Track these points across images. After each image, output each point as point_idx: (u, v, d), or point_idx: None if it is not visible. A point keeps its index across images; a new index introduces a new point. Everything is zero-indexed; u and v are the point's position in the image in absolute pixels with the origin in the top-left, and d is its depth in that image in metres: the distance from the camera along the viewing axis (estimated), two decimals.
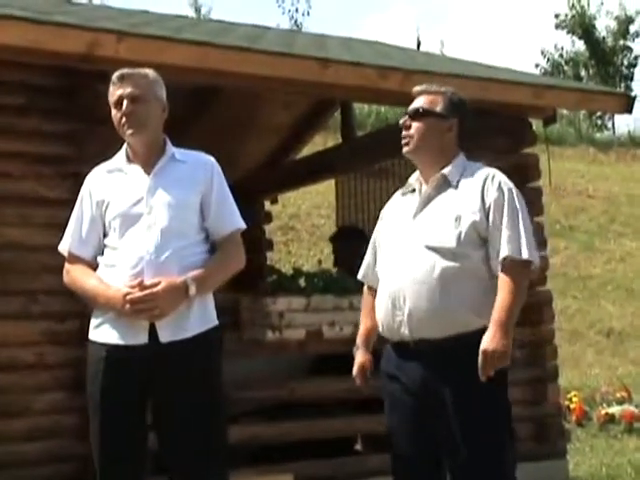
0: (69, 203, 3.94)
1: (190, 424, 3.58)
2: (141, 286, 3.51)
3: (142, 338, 3.56)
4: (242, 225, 3.84)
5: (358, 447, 7.06)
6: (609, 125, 31.84)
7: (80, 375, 5.27)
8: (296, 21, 27.83)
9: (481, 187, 3.56)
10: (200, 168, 3.79)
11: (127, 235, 3.63)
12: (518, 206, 3.54)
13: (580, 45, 33.98)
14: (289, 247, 15.40)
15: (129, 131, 3.67)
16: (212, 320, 3.72)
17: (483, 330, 3.43)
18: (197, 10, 27.32)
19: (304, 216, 16.39)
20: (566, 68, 33.93)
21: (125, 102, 3.67)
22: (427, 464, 3.59)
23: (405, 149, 3.70)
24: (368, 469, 6.09)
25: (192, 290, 3.55)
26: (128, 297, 3.50)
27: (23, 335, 5.35)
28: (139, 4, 33.32)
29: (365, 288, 3.96)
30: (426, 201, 3.64)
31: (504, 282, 3.43)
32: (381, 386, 3.70)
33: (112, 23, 6.08)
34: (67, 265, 3.79)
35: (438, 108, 3.67)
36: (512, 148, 7.08)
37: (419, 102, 3.70)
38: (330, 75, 6.07)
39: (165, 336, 3.56)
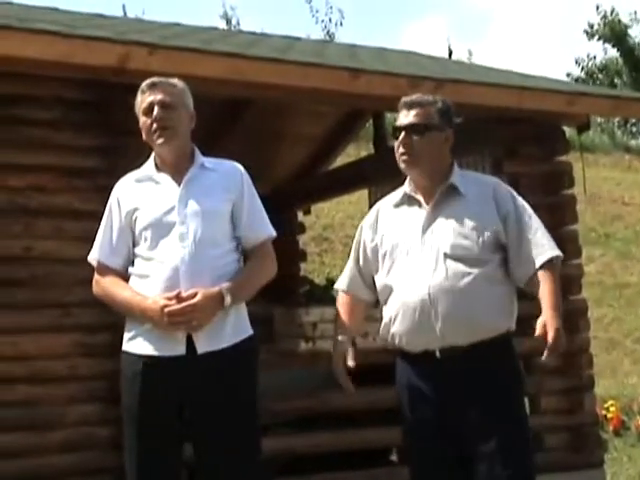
0: (102, 216, 3.95)
1: (227, 435, 3.57)
2: (179, 298, 3.49)
3: (180, 349, 3.54)
4: (273, 233, 3.84)
5: (393, 458, 7.03)
6: None
7: (112, 387, 5.31)
8: (329, 31, 27.81)
9: (493, 197, 3.62)
10: (230, 176, 3.79)
11: (160, 245, 3.61)
12: (529, 211, 3.65)
13: (613, 53, 33.78)
14: (323, 258, 15.38)
15: (160, 140, 3.67)
16: (247, 330, 3.71)
17: (506, 334, 3.57)
18: (228, 21, 27.40)
19: (338, 227, 16.38)
20: (600, 76, 33.73)
21: (156, 109, 3.67)
22: (447, 474, 3.57)
23: (404, 165, 3.66)
24: (402, 479, 6.06)
25: (227, 300, 3.54)
26: (166, 309, 3.48)
27: (56, 347, 5.39)
28: (170, 17, 33.52)
29: (342, 294, 3.88)
30: (436, 211, 3.63)
31: (544, 275, 3.52)
32: (400, 399, 3.68)
33: (143, 36, 6.11)
34: (97, 276, 3.77)
35: (435, 121, 3.64)
36: (546, 156, 7.04)
37: (415, 117, 3.63)
38: (361, 85, 6.07)
39: (202, 347, 3.55)
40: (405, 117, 3.65)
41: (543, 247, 3.56)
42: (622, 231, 18.07)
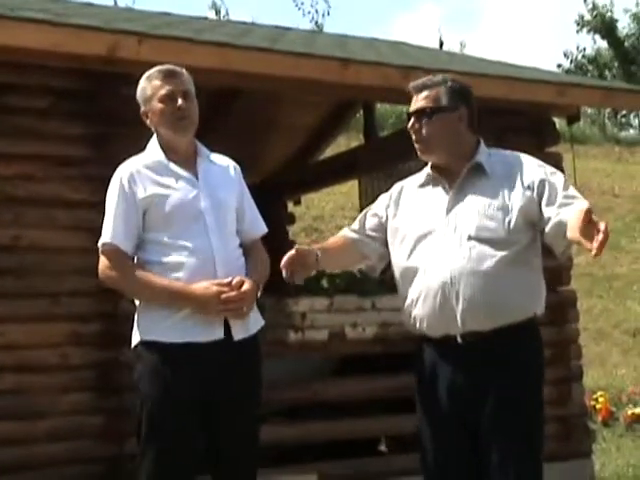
0: (92, 205, 3.95)
1: (244, 422, 3.66)
2: (231, 285, 3.55)
3: (219, 334, 3.58)
4: (266, 228, 3.92)
5: (382, 448, 7.05)
6: (634, 123, 31.68)
7: (103, 376, 5.34)
8: (317, 22, 27.77)
9: (519, 172, 3.49)
10: (230, 171, 3.83)
11: (189, 234, 3.60)
12: (559, 175, 3.50)
13: (602, 45, 33.81)
14: None
15: (183, 130, 3.68)
16: (261, 320, 3.81)
17: (532, 319, 3.45)
18: (217, 12, 27.37)
19: (328, 217, 16.38)
20: (589, 68, 33.76)
21: (181, 99, 3.66)
22: (459, 461, 3.50)
23: (419, 152, 3.61)
24: (392, 469, 6.08)
25: (260, 290, 3.68)
26: (223, 296, 3.52)
27: (47, 336, 5.38)
28: (160, 7, 33.44)
29: (347, 230, 3.78)
30: (460, 191, 3.53)
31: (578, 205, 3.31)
32: (413, 385, 3.62)
33: (133, 25, 6.10)
34: (108, 260, 3.64)
35: (443, 102, 3.55)
36: (536, 147, 7.03)
37: (422, 101, 3.56)
38: (351, 75, 6.07)
39: (238, 334, 3.62)
40: (414, 102, 3.59)
41: (576, 198, 3.37)
42: (612, 223, 18.09)
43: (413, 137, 3.59)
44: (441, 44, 28.11)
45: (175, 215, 3.61)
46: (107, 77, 5.45)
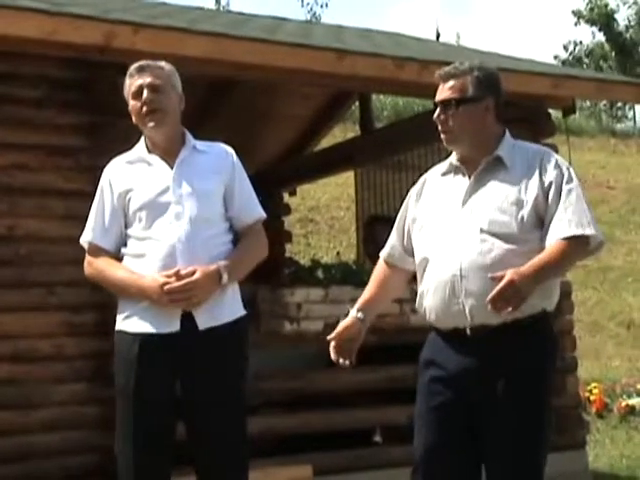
0: (87, 195, 3.94)
1: (219, 412, 3.61)
2: (178, 275, 3.53)
3: (175, 326, 3.57)
4: (264, 214, 3.89)
5: (377, 438, 7.06)
6: (630, 115, 31.68)
7: (99, 366, 5.34)
8: (314, 13, 27.68)
9: (538, 167, 3.44)
10: (221, 159, 3.82)
11: (155, 225, 3.63)
12: (575, 184, 3.43)
13: (600, 37, 33.78)
14: (308, 240, 15.39)
15: (151, 123, 3.68)
16: (241, 309, 3.77)
17: (541, 313, 3.38)
18: (217, 1, 27.25)
19: (323, 208, 16.38)
20: (586, 61, 33.74)
21: (146, 91, 3.67)
22: (455, 456, 3.46)
23: (444, 141, 3.54)
24: (386, 460, 6.09)
25: (225, 278, 3.59)
26: (166, 287, 3.51)
27: (42, 326, 5.38)
28: None
29: (382, 261, 3.78)
30: (478, 183, 3.49)
31: (558, 244, 3.31)
32: (417, 373, 3.57)
33: (129, 14, 6.08)
34: (89, 257, 3.77)
35: (470, 92, 3.49)
36: (531, 139, 6.99)
37: (448, 91, 3.50)
38: (346, 66, 6.06)
39: (203, 323, 3.59)
40: (440, 92, 3.53)
41: (569, 223, 3.33)
42: (607, 215, 18.13)
43: (439, 127, 3.53)
44: (438, 35, 28.07)
45: (144, 208, 3.66)
46: (102, 67, 5.43)
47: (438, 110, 3.52)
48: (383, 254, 3.80)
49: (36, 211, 5.42)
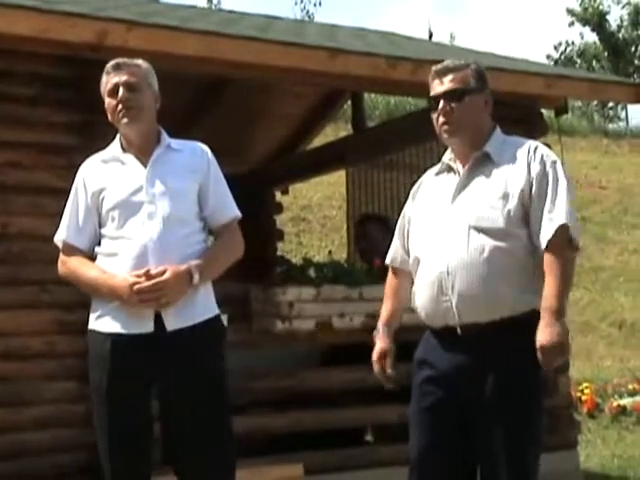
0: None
1: (196, 412, 3.59)
2: (147, 275, 3.51)
3: (148, 327, 3.56)
4: (239, 214, 3.86)
5: (368, 438, 7.06)
6: (622, 116, 31.72)
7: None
8: (308, 12, 27.70)
9: (526, 161, 3.43)
10: (196, 157, 3.80)
11: (128, 224, 3.62)
12: (561, 179, 3.41)
13: (592, 37, 33.83)
14: (300, 238, 15.40)
15: (124, 120, 3.67)
16: (214, 309, 3.74)
17: (531, 312, 3.34)
18: (209, 0, 27.24)
19: (315, 207, 16.39)
20: (578, 61, 33.78)
21: (121, 90, 3.67)
22: (448, 456, 3.47)
23: (446, 135, 3.52)
24: (378, 459, 6.10)
25: (196, 278, 3.57)
26: (135, 287, 3.50)
27: (33, 324, 5.38)
28: None
29: (390, 270, 3.81)
30: (467, 180, 3.50)
31: (550, 264, 3.30)
32: (411, 373, 3.58)
33: (122, 12, 6.07)
34: (63, 256, 3.77)
35: (472, 84, 3.51)
36: (524, 138, 7.04)
37: (451, 83, 3.50)
38: (339, 65, 6.06)
39: (172, 324, 3.57)
40: (440, 85, 3.52)
41: (559, 218, 3.32)
42: (599, 215, 18.18)
43: (442, 119, 3.51)
44: (430, 35, 28.09)
45: (117, 208, 3.65)
46: (95, 65, 5.37)
47: (442, 103, 3.50)
48: (388, 259, 3.83)
49: (29, 209, 5.41)
